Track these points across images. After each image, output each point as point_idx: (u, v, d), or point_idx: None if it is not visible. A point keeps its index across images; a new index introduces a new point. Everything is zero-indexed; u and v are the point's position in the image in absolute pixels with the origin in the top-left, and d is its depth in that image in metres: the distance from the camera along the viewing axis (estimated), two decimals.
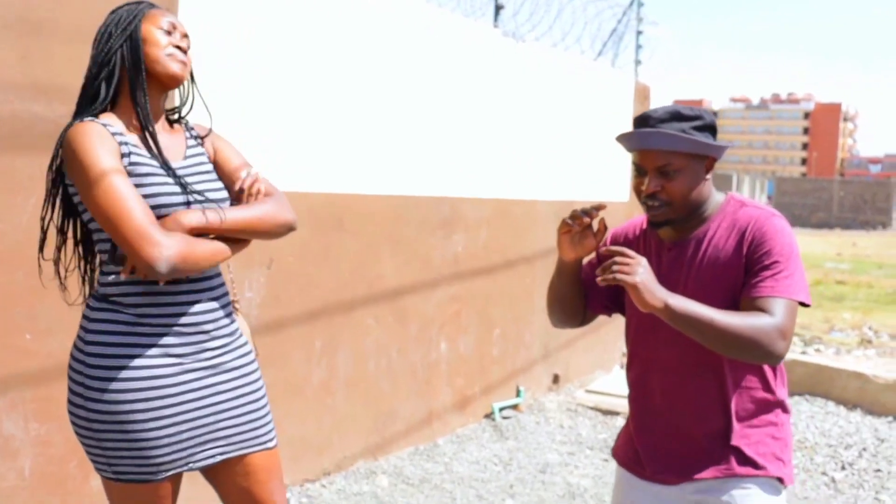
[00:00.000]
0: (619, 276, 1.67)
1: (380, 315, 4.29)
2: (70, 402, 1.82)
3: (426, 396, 4.66)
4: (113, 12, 1.90)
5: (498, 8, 5.19)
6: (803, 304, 1.78)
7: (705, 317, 1.69)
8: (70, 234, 1.92)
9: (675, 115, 1.82)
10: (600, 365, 6.56)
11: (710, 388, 1.88)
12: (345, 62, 3.98)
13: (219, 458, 1.90)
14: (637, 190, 1.88)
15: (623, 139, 1.87)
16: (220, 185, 1.96)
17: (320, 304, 3.92)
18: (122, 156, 1.77)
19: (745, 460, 1.87)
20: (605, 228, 1.91)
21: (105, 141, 1.75)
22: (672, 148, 1.80)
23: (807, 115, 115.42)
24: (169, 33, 1.88)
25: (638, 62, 6.94)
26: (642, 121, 1.85)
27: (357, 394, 4.19)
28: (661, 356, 1.93)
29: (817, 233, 30.01)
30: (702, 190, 1.87)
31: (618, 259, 1.70)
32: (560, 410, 5.49)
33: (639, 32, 6.87)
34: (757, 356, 1.73)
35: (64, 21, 2.79)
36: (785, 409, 1.94)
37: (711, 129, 1.86)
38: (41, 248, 1.91)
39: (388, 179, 4.29)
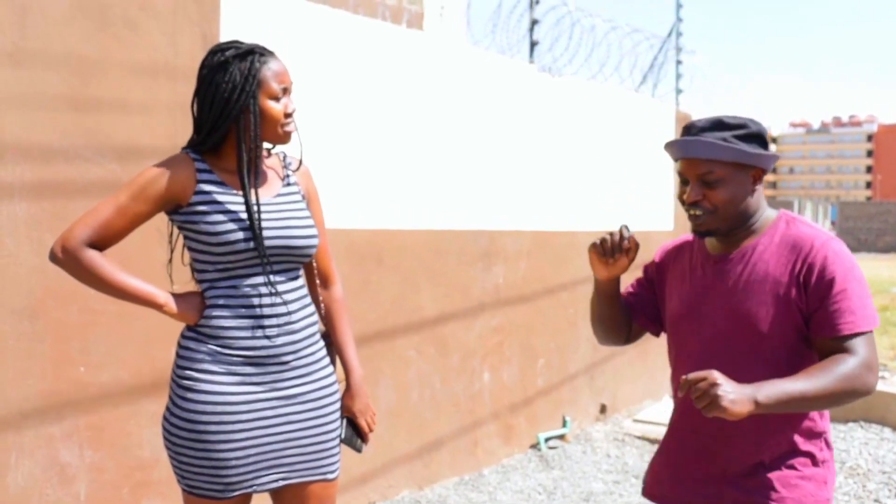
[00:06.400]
0: (711, 409, 1.57)
1: (421, 346, 4.38)
2: (163, 415, 2.02)
3: (470, 426, 4.71)
4: (225, 63, 1.91)
5: (533, 44, 5.30)
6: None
7: (796, 393, 1.63)
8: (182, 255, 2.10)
9: (718, 124, 1.82)
10: (649, 394, 6.51)
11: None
12: (382, 102, 4.13)
13: (281, 483, 2.00)
14: (681, 199, 1.88)
15: (668, 147, 1.90)
16: (308, 223, 2.03)
17: (361, 336, 4.01)
18: (197, 181, 1.91)
19: None
20: (637, 246, 1.91)
21: (177, 171, 1.91)
22: (711, 156, 1.79)
23: (870, 138, 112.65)
24: (282, 95, 1.97)
25: (679, 91, 6.96)
26: (686, 130, 1.87)
27: (400, 423, 4.27)
28: (697, 354, 1.86)
29: (884, 257, 29.06)
30: (749, 201, 1.85)
31: (696, 389, 1.60)
32: (607, 440, 5.47)
33: (678, 62, 6.91)
34: (855, 399, 1.69)
35: (112, 65, 3.00)
36: (828, 444, 1.84)
37: (759, 139, 1.83)
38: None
39: (426, 214, 4.40)
